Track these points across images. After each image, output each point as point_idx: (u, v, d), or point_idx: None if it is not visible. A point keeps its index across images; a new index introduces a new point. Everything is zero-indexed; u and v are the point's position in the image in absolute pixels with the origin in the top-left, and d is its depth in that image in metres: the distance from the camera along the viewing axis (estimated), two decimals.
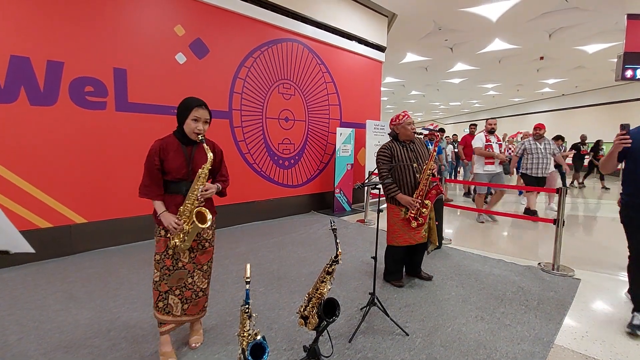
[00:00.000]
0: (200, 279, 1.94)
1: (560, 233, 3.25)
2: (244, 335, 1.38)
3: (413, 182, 2.70)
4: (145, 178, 1.80)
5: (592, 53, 9.48)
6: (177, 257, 1.86)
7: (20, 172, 3.21)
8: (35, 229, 3.30)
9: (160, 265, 1.83)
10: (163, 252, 1.82)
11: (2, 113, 3.09)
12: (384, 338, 2.09)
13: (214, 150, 1.92)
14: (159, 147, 1.80)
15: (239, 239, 4.24)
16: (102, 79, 3.61)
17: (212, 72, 4.50)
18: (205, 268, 1.96)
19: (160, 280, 1.83)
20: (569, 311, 2.49)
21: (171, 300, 1.86)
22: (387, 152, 2.75)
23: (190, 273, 1.90)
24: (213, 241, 2.02)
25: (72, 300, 2.54)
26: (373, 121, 6.40)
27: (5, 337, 2.05)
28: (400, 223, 2.73)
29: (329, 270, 1.65)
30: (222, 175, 2.01)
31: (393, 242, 2.79)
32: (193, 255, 1.90)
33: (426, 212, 2.66)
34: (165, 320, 1.85)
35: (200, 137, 1.79)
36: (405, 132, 2.75)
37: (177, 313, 1.87)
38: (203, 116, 1.81)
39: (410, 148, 2.77)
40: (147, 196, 1.81)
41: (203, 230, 1.90)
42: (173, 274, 1.84)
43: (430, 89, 16.01)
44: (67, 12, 3.37)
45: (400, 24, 7.32)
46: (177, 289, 1.87)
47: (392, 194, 2.69)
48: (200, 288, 1.94)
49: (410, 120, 2.76)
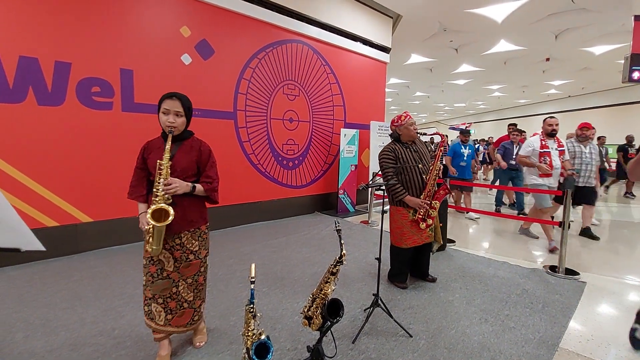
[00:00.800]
0: (185, 290, 1.82)
1: (566, 236, 3.23)
2: (248, 334, 1.39)
3: (420, 183, 2.69)
4: (132, 178, 1.81)
5: (598, 54, 9.41)
6: (162, 266, 1.75)
7: (27, 171, 3.26)
8: (42, 228, 3.34)
9: (146, 270, 1.76)
10: (148, 258, 1.75)
11: (10, 113, 3.13)
12: (387, 339, 2.08)
13: (200, 149, 1.83)
14: (144, 146, 1.80)
15: (243, 239, 4.26)
16: (108, 79, 3.64)
17: (217, 73, 4.52)
18: (190, 281, 1.82)
19: (146, 286, 1.77)
20: (574, 314, 2.46)
21: (154, 308, 1.77)
22: (392, 154, 2.71)
23: (175, 282, 1.79)
24: (201, 254, 1.85)
25: (78, 299, 2.56)
26: (377, 122, 6.39)
27: (12, 334, 2.08)
28: (409, 224, 2.70)
29: (333, 271, 1.65)
30: (207, 176, 1.84)
31: (401, 243, 2.74)
32: (177, 265, 1.78)
33: (434, 213, 2.65)
34: (150, 325, 1.79)
35: (169, 130, 1.68)
36: (408, 133, 2.73)
37: (160, 322, 1.78)
38: (172, 108, 1.71)
39: (413, 149, 2.76)
40: (131, 196, 1.80)
41: (187, 240, 1.78)
42: (156, 281, 1.75)
43: (434, 90, 15.96)
44: (75, 13, 3.41)
45: (405, 25, 7.31)
46: (160, 297, 1.77)
47: (400, 196, 2.66)
48: (185, 299, 1.82)
49: (412, 120, 2.75)
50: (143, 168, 1.79)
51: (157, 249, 1.66)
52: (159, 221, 1.58)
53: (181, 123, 1.75)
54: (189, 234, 1.80)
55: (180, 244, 1.78)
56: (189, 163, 1.77)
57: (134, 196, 1.80)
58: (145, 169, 1.79)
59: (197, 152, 1.82)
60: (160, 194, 1.63)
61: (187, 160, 1.76)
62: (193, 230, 1.81)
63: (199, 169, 1.84)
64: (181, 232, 1.77)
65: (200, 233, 1.85)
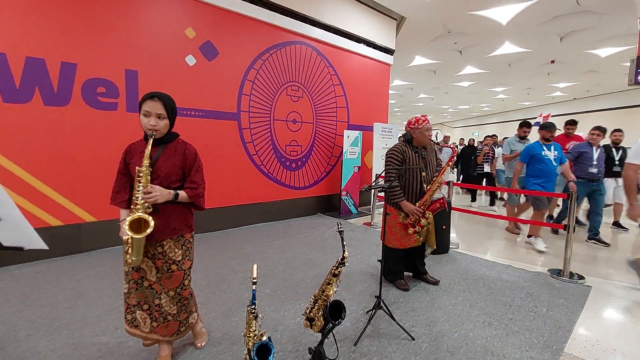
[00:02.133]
0: (168, 304, 1.70)
1: (571, 239, 3.20)
2: (249, 335, 1.39)
3: (418, 190, 2.67)
4: (114, 184, 1.72)
5: (604, 57, 9.35)
6: (144, 275, 1.67)
7: (32, 170, 3.28)
8: (46, 227, 3.36)
9: (129, 277, 1.68)
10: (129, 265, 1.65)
11: (17, 113, 3.16)
12: (389, 342, 2.07)
13: (184, 153, 1.70)
14: (125, 150, 1.71)
15: (245, 240, 4.26)
16: (114, 80, 3.67)
17: (221, 74, 4.54)
18: (172, 294, 1.69)
19: (129, 293, 1.70)
20: (579, 319, 2.43)
21: (139, 315, 1.70)
22: (400, 156, 2.65)
23: (157, 294, 1.69)
24: (185, 265, 1.72)
25: (81, 298, 2.57)
26: (380, 124, 6.39)
27: (15, 333, 2.09)
28: (398, 226, 2.71)
29: (335, 273, 1.65)
30: (192, 181, 1.70)
31: (389, 243, 2.77)
32: (160, 276, 1.68)
33: (425, 223, 2.62)
34: (134, 333, 1.73)
35: (151, 133, 1.57)
36: (421, 138, 2.66)
37: (146, 329, 1.71)
38: (154, 110, 1.58)
39: (421, 155, 2.70)
40: (113, 202, 1.71)
41: (169, 248, 1.67)
42: (140, 288, 1.68)
43: (438, 92, 15.92)
44: (81, 15, 3.44)
45: (409, 27, 7.31)
46: (145, 303, 1.70)
47: (397, 200, 2.64)
48: (169, 313, 1.71)
49: (429, 126, 2.66)
50: (125, 173, 1.70)
51: (137, 259, 1.58)
52: (138, 232, 1.48)
53: (164, 126, 1.62)
54: (171, 241, 1.68)
55: (162, 252, 1.66)
56: (172, 167, 1.65)
57: (116, 202, 1.70)
58: (128, 174, 1.70)
59: (182, 155, 1.69)
60: (139, 202, 1.53)
61: (170, 164, 1.65)
62: (176, 238, 1.70)
63: (184, 173, 1.72)
64: (163, 239, 1.66)
65: (184, 241, 1.73)
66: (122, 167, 1.71)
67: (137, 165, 1.58)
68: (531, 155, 4.07)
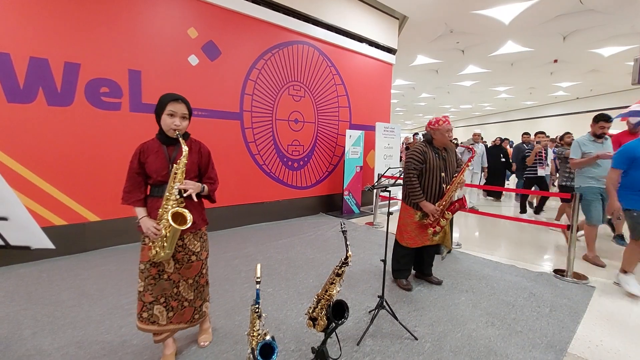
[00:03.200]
0: (186, 290, 1.83)
1: (574, 239, 3.19)
2: (253, 334, 1.39)
3: (437, 192, 2.64)
4: (126, 183, 1.74)
5: (607, 56, 9.30)
6: (162, 268, 1.75)
7: (37, 170, 3.30)
8: (50, 226, 3.38)
9: (145, 274, 1.72)
10: (147, 261, 1.71)
11: (20, 113, 3.18)
12: (392, 342, 2.07)
13: (200, 151, 1.83)
14: (139, 150, 1.74)
15: (248, 239, 4.27)
16: (117, 80, 3.68)
17: (223, 74, 4.55)
18: (191, 282, 1.83)
19: (145, 291, 1.73)
20: (582, 319, 2.43)
21: (156, 310, 1.75)
22: (421, 157, 2.63)
23: (175, 283, 1.79)
24: (202, 256, 1.87)
25: (85, 297, 2.59)
26: (383, 124, 6.38)
27: (20, 331, 2.10)
28: (413, 225, 2.70)
29: (339, 272, 1.65)
30: (209, 177, 1.86)
31: (403, 241, 2.77)
32: (178, 267, 1.78)
33: (444, 223, 2.61)
34: (151, 330, 1.77)
35: (177, 134, 1.68)
36: (441, 139, 2.64)
37: (163, 322, 1.77)
38: (179, 111, 1.69)
39: (442, 156, 2.68)
40: (127, 202, 1.74)
41: (189, 241, 1.80)
42: (158, 282, 1.74)
43: (440, 92, 15.89)
44: (84, 15, 3.45)
45: (411, 26, 7.30)
46: (162, 297, 1.76)
47: (416, 199, 2.62)
48: (186, 298, 1.83)
49: (450, 127, 2.62)
50: (140, 172, 1.74)
51: (170, 252, 1.67)
52: (180, 224, 1.60)
53: (185, 126, 1.75)
54: (191, 235, 1.81)
55: (183, 245, 1.78)
56: (191, 165, 1.77)
57: (130, 201, 1.73)
58: (142, 174, 1.74)
59: (198, 154, 1.82)
60: (172, 198, 1.64)
61: (190, 162, 1.75)
62: (195, 232, 1.83)
63: (199, 169, 1.85)
64: (184, 233, 1.77)
65: (201, 234, 1.87)
66: (137, 166, 1.73)
67: (155, 164, 1.70)
68: (633, 158, 2.87)
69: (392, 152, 6.57)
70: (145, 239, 1.71)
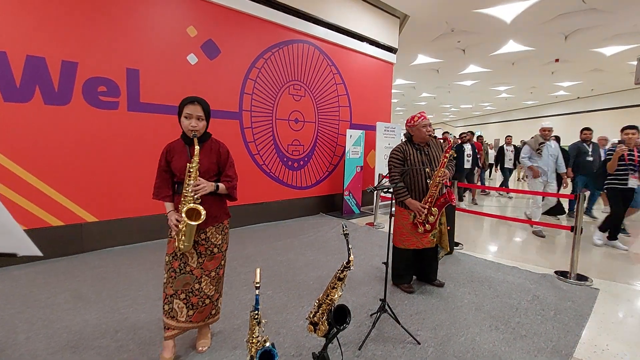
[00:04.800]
0: (208, 285, 1.89)
1: (578, 240, 3.14)
2: (252, 341, 1.35)
3: (425, 187, 2.64)
4: (156, 180, 1.88)
5: (609, 55, 9.26)
6: (185, 261, 1.83)
7: (33, 170, 3.25)
8: (47, 227, 3.33)
9: (168, 267, 1.83)
10: (172, 254, 1.82)
11: (17, 112, 3.13)
12: (394, 346, 2.03)
13: (219, 150, 1.91)
14: (166, 149, 1.86)
15: (247, 240, 4.22)
16: (115, 79, 3.64)
17: (223, 73, 4.50)
18: (213, 275, 1.90)
19: (167, 283, 1.82)
20: (587, 322, 2.39)
21: (176, 305, 1.82)
22: (400, 155, 2.69)
23: (197, 279, 1.85)
24: (223, 248, 1.96)
25: (81, 300, 2.54)
26: (383, 123, 6.34)
27: (14, 335, 2.06)
28: (409, 226, 2.68)
29: (340, 277, 1.60)
30: (227, 175, 1.93)
31: (400, 244, 2.74)
32: (201, 261, 1.86)
33: (433, 220, 2.59)
34: (170, 324, 1.82)
35: (193, 134, 1.77)
36: (420, 135, 2.67)
37: (182, 319, 1.83)
38: (195, 112, 1.79)
39: (424, 152, 2.70)
40: (157, 197, 1.87)
41: (212, 234, 1.87)
42: (179, 277, 1.81)
43: (441, 91, 15.85)
44: (82, 13, 3.40)
45: (412, 25, 7.25)
46: (182, 292, 1.82)
47: (402, 198, 2.65)
48: (207, 295, 1.89)
49: (427, 122, 2.66)
50: (167, 170, 1.85)
51: (189, 245, 1.75)
52: (192, 219, 1.70)
53: (202, 127, 1.82)
54: (213, 228, 1.88)
55: (206, 238, 1.86)
56: (210, 164, 1.85)
57: (160, 197, 1.86)
58: (169, 171, 1.86)
59: (217, 153, 1.89)
60: (189, 194, 1.73)
61: (208, 162, 1.84)
62: (217, 225, 1.90)
63: (219, 168, 1.92)
64: (206, 227, 1.85)
65: (222, 227, 1.95)
66: (164, 165, 1.85)
67: (179, 163, 1.79)
68: None
69: None
70: (171, 233, 1.80)
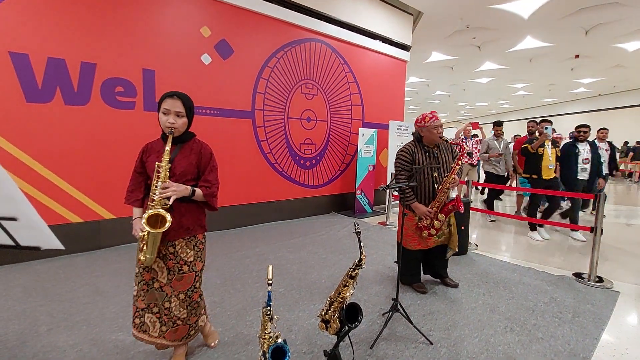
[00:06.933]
0: (178, 307, 1.65)
1: (598, 241, 3.05)
2: (265, 337, 1.36)
3: (431, 192, 2.54)
4: (130, 183, 1.72)
5: (632, 51, 8.92)
6: (154, 276, 1.64)
7: (53, 168, 3.36)
8: (66, 224, 3.44)
9: (139, 279, 1.65)
10: (140, 265, 1.64)
11: (39, 112, 3.24)
12: (407, 346, 2.01)
13: (200, 152, 1.70)
14: (143, 148, 1.71)
15: (259, 238, 4.26)
16: (131, 79, 3.72)
17: (236, 73, 4.55)
18: (183, 297, 1.65)
19: (137, 296, 1.66)
20: (607, 326, 2.31)
21: (147, 319, 1.66)
22: (408, 157, 2.56)
23: (167, 297, 1.65)
24: (196, 267, 1.69)
25: (99, 294, 2.62)
26: (396, 122, 6.28)
27: (36, 327, 2.14)
28: (414, 228, 2.62)
29: (352, 275, 1.60)
30: (205, 180, 1.69)
31: (406, 245, 2.66)
32: (170, 277, 1.65)
33: (438, 226, 2.51)
34: (142, 338, 1.68)
35: (169, 131, 1.57)
36: (429, 136, 2.53)
37: (155, 334, 1.66)
38: (173, 107, 1.59)
39: (433, 154, 2.57)
40: (128, 201, 1.71)
41: (181, 249, 1.65)
42: (150, 290, 1.65)
43: (455, 89, 15.58)
44: (100, 15, 3.49)
45: (426, 22, 7.15)
46: (155, 306, 1.66)
47: (408, 201, 2.54)
48: (178, 317, 1.66)
49: (438, 123, 2.50)
50: (141, 172, 1.71)
51: (151, 257, 1.56)
52: (155, 227, 1.47)
53: (182, 124, 1.63)
54: (183, 241, 1.66)
55: (174, 252, 1.65)
56: (188, 166, 1.65)
57: (130, 201, 1.71)
58: (144, 173, 1.71)
59: (198, 154, 1.70)
60: (156, 198, 1.51)
61: (186, 163, 1.65)
62: (189, 238, 1.68)
63: (199, 172, 1.72)
64: (175, 239, 1.64)
65: (196, 242, 1.71)
66: (139, 165, 1.72)
67: (154, 163, 1.57)
68: None
69: None
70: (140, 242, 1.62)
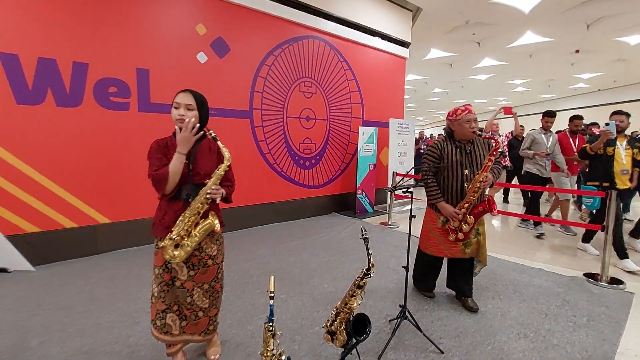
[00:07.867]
0: (200, 297, 1.72)
1: (610, 240, 2.96)
2: (267, 355, 1.26)
3: (460, 191, 2.32)
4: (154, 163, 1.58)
5: (634, 45, 8.83)
6: (175, 275, 1.67)
7: (46, 172, 3.25)
8: (61, 229, 3.34)
9: (159, 280, 1.66)
10: (162, 266, 1.65)
11: (30, 114, 3.13)
12: (416, 356, 1.91)
13: (218, 151, 1.74)
14: (160, 145, 1.64)
15: (259, 240, 4.16)
16: (125, 79, 3.61)
17: (233, 71, 4.44)
18: (207, 287, 1.73)
19: (158, 298, 1.67)
20: (625, 330, 2.22)
21: (169, 319, 1.69)
22: (436, 153, 2.36)
23: (189, 292, 1.69)
24: (218, 259, 1.78)
25: (95, 302, 2.51)
26: (396, 120, 6.18)
27: (29, 339, 2.03)
28: (437, 231, 2.40)
29: (360, 284, 1.50)
30: (227, 180, 1.78)
31: (426, 249, 2.50)
32: (192, 274, 1.68)
33: (467, 229, 2.27)
34: (164, 340, 1.70)
35: (178, 124, 1.57)
36: (461, 131, 2.29)
37: (176, 332, 1.71)
38: (183, 101, 1.61)
39: (466, 151, 2.33)
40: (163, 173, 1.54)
41: (206, 244, 1.70)
42: (171, 289, 1.68)
43: (454, 86, 15.48)
44: (91, 14, 3.37)
45: (425, 18, 7.04)
46: (175, 304, 1.70)
47: (434, 200, 2.35)
48: (200, 308, 1.72)
49: (471, 117, 2.27)
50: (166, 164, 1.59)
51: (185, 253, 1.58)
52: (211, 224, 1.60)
53: (192, 117, 1.60)
54: (207, 238, 1.71)
55: (199, 248, 1.69)
56: (212, 166, 1.67)
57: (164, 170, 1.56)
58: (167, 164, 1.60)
59: (217, 154, 1.74)
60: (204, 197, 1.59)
61: (210, 162, 1.68)
62: (212, 234, 1.72)
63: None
64: None
65: (217, 237, 1.78)
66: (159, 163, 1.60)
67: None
68: None
69: (407, 149, 6.36)
70: (159, 243, 1.61)
